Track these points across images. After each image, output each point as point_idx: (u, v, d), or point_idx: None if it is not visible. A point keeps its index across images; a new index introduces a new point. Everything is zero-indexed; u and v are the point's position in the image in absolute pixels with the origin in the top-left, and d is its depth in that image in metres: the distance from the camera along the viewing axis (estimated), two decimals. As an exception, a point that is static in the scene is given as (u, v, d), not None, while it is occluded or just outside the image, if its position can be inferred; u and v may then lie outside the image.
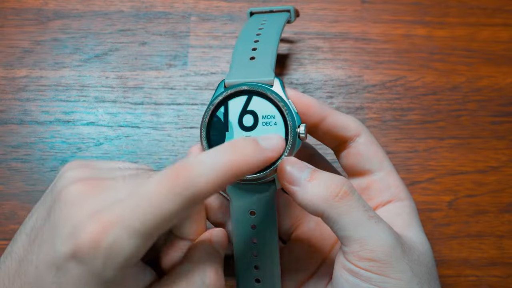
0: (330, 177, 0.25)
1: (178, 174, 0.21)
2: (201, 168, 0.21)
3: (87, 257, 0.20)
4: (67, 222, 0.21)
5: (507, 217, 0.37)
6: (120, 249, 0.20)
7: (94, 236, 0.20)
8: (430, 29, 0.41)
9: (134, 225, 0.20)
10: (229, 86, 0.27)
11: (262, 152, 0.23)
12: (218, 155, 0.22)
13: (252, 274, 0.29)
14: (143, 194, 0.21)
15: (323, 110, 0.28)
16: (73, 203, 0.22)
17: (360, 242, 0.24)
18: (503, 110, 0.39)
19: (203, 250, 0.25)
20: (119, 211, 0.21)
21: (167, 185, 0.21)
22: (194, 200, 0.21)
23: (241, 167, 0.22)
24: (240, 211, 0.27)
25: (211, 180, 0.21)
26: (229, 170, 0.22)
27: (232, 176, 0.22)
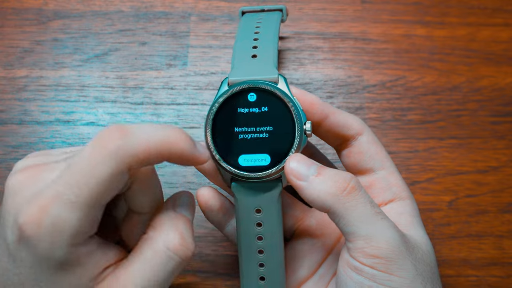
0: (337, 173, 0.25)
1: (107, 138, 0.21)
2: (135, 132, 0.21)
3: (32, 240, 0.20)
4: (11, 211, 0.21)
5: (507, 217, 0.37)
6: (63, 225, 0.20)
7: (34, 217, 0.20)
8: (430, 29, 0.41)
9: (70, 198, 0.20)
10: (232, 84, 0.27)
11: (192, 148, 0.23)
12: (156, 127, 0.22)
13: (257, 271, 0.29)
14: (75, 164, 0.21)
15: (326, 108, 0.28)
16: (15, 192, 0.22)
17: (366, 238, 0.24)
18: (503, 110, 0.39)
19: (165, 216, 0.25)
20: (55, 187, 0.21)
21: (97, 151, 0.21)
22: (129, 162, 0.21)
23: (173, 147, 0.22)
24: (246, 209, 0.27)
25: (145, 145, 0.21)
26: (162, 144, 0.22)
27: (163, 152, 0.22)
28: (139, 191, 0.24)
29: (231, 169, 0.26)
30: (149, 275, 0.23)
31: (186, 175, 0.37)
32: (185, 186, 0.37)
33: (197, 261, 0.35)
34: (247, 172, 0.26)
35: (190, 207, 0.26)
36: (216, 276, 0.35)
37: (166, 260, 0.23)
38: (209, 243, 0.35)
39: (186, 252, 0.24)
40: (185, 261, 0.24)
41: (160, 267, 0.23)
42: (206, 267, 0.35)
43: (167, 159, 0.23)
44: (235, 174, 0.26)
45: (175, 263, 0.23)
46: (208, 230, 0.36)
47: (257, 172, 0.26)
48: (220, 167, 0.27)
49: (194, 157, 0.23)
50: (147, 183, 0.25)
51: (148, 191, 0.25)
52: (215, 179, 0.29)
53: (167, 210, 0.25)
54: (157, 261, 0.23)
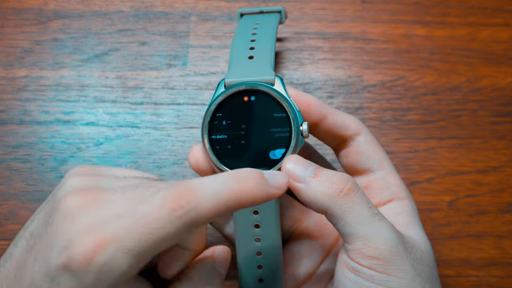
0: (334, 174, 0.25)
1: (181, 196, 0.21)
2: (204, 194, 0.21)
3: (79, 272, 0.20)
4: (63, 234, 0.21)
5: (507, 217, 0.37)
6: (113, 267, 0.20)
7: (88, 252, 0.20)
8: (430, 29, 0.41)
9: (129, 245, 0.20)
10: (229, 86, 0.27)
11: (266, 188, 0.23)
12: (223, 183, 0.22)
13: (256, 273, 0.29)
14: (142, 215, 0.21)
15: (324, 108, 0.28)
16: (70, 215, 0.22)
17: (364, 239, 0.24)
18: (503, 110, 0.39)
19: (203, 269, 0.25)
20: (116, 229, 0.21)
21: (168, 208, 0.21)
22: (194, 224, 0.21)
23: (244, 198, 0.22)
24: (243, 210, 0.27)
25: (213, 207, 0.21)
26: (232, 200, 0.22)
27: (233, 206, 0.22)
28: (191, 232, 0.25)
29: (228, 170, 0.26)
30: None
31: (186, 175, 0.37)
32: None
33: (197, 261, 0.35)
34: None
35: (226, 263, 0.26)
36: (215, 276, 0.35)
37: None
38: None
39: None
40: None
41: None
42: (205, 267, 0.35)
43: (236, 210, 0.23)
44: None
45: None
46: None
47: None
48: (217, 168, 0.27)
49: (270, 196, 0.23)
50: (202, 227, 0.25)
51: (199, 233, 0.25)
52: None
53: (205, 264, 0.25)
54: None
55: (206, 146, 0.26)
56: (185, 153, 0.37)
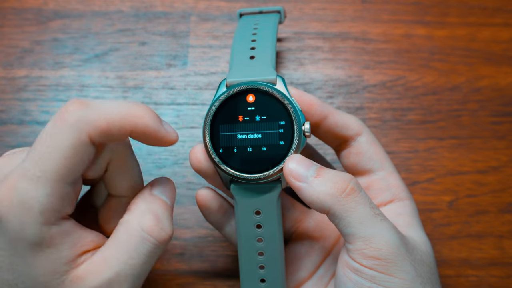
0: (336, 174, 0.25)
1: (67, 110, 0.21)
2: (97, 105, 0.22)
3: (4, 220, 0.21)
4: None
5: (507, 217, 0.37)
6: (31, 202, 0.20)
7: (4, 196, 0.20)
8: (430, 29, 0.41)
9: (35, 173, 0.20)
10: (230, 86, 0.27)
11: (159, 124, 0.23)
12: (117, 102, 0.22)
13: (257, 274, 0.29)
14: (38, 140, 0.21)
15: (325, 108, 0.28)
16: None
17: (365, 240, 0.24)
18: (503, 110, 0.39)
19: (141, 199, 0.25)
20: (22, 164, 0.21)
21: (59, 119, 0.21)
22: (88, 133, 0.21)
23: (136, 121, 0.22)
24: (245, 210, 0.27)
25: (106, 117, 0.21)
26: (124, 116, 0.22)
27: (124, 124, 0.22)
28: (117, 174, 0.24)
29: (230, 170, 0.26)
30: (125, 258, 0.23)
31: (186, 175, 0.37)
32: (185, 186, 0.37)
33: (197, 261, 0.35)
34: (245, 174, 0.26)
35: (168, 191, 0.26)
36: (216, 276, 0.35)
37: (141, 241, 0.23)
38: (209, 243, 0.35)
39: (161, 234, 0.24)
40: (161, 243, 0.24)
41: (135, 249, 0.23)
42: (206, 267, 0.35)
43: (131, 133, 0.23)
44: (234, 176, 0.26)
45: (151, 245, 0.23)
46: (208, 230, 0.36)
47: (255, 173, 0.26)
48: (218, 169, 0.27)
49: (160, 134, 0.23)
50: (124, 164, 0.25)
51: (126, 173, 0.25)
52: (214, 181, 0.28)
53: (143, 193, 0.25)
54: (132, 243, 0.23)
55: (208, 146, 0.26)
56: (185, 153, 0.37)
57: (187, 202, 0.36)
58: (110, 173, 0.24)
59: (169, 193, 0.26)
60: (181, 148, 0.38)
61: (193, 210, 0.36)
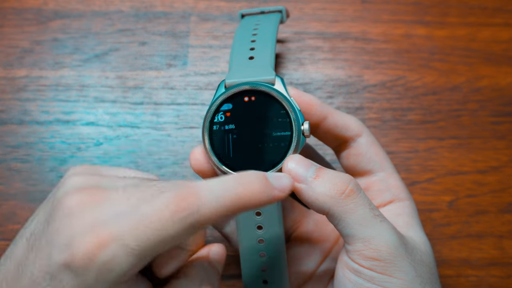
0: (336, 175, 0.25)
1: (184, 199, 0.21)
2: (208, 197, 0.21)
3: (81, 270, 0.20)
4: (64, 232, 0.21)
5: (507, 217, 0.37)
6: (115, 266, 0.20)
7: (90, 250, 0.20)
8: (430, 29, 0.41)
9: (131, 244, 0.20)
10: (229, 86, 0.27)
11: (270, 191, 0.23)
12: (226, 186, 0.22)
13: (260, 275, 0.29)
14: (145, 215, 0.21)
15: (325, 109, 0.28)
16: (72, 213, 0.22)
17: (365, 241, 0.24)
18: (503, 110, 0.39)
19: (200, 266, 0.25)
20: (118, 227, 0.21)
21: (171, 210, 0.21)
22: (196, 227, 0.21)
23: (247, 202, 0.22)
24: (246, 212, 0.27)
25: (216, 210, 0.21)
26: (235, 203, 0.22)
27: (236, 210, 0.22)
28: None
29: (229, 171, 0.26)
30: None
31: (186, 175, 0.37)
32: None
33: (197, 261, 0.35)
34: None
35: (222, 260, 0.27)
36: (216, 276, 0.35)
37: None
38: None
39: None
40: None
41: None
42: (206, 267, 0.35)
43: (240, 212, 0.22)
44: None
45: None
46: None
47: None
48: (218, 169, 0.27)
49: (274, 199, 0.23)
50: None
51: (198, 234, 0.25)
52: None
53: (202, 261, 0.25)
54: None
55: (207, 147, 0.26)
56: (185, 153, 0.37)
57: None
58: None
59: (222, 262, 0.27)
60: (181, 148, 0.38)
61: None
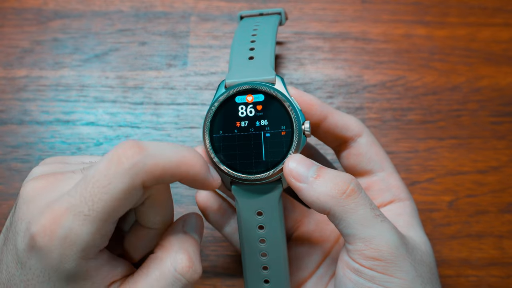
0: (337, 174, 0.25)
1: (126, 150, 0.21)
2: (153, 151, 0.21)
3: (43, 250, 0.20)
4: (24, 218, 0.21)
5: (507, 217, 0.37)
6: (74, 238, 0.20)
7: (47, 227, 0.20)
8: (430, 29, 0.41)
9: (84, 210, 0.20)
10: (230, 86, 0.27)
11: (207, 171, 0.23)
12: (171, 147, 0.22)
13: (261, 274, 0.29)
14: (90, 177, 0.21)
15: (325, 109, 0.28)
16: (29, 199, 0.22)
17: (365, 241, 0.24)
18: (503, 110, 0.39)
19: (174, 236, 0.25)
20: (69, 199, 0.21)
21: (115, 163, 0.21)
22: (144, 179, 0.21)
23: (188, 169, 0.22)
24: (247, 212, 0.27)
25: (161, 165, 0.21)
26: (178, 164, 0.22)
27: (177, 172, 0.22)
28: (152, 208, 0.24)
29: (230, 171, 0.26)
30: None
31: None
32: (185, 186, 0.37)
33: (197, 261, 0.35)
34: (246, 175, 0.26)
35: (199, 229, 0.26)
36: (216, 276, 0.35)
37: (173, 281, 0.23)
38: (209, 243, 0.35)
39: (193, 274, 0.24)
40: (191, 283, 0.24)
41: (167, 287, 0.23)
42: (206, 267, 0.35)
43: (180, 179, 0.23)
44: (234, 177, 0.26)
45: (182, 285, 0.23)
46: (208, 230, 0.36)
47: (256, 174, 0.26)
48: (219, 170, 0.27)
49: (206, 182, 0.24)
50: (161, 200, 0.25)
51: (161, 208, 0.25)
52: None
53: (176, 231, 0.25)
54: (164, 282, 0.23)
55: (208, 147, 0.26)
56: (185, 153, 0.37)
57: (187, 202, 0.36)
58: (145, 207, 0.24)
59: (200, 231, 0.26)
60: (181, 148, 0.38)
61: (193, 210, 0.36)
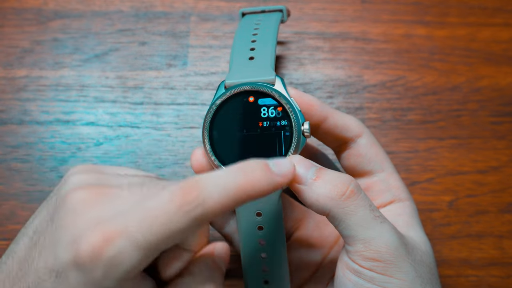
0: (336, 176, 0.25)
1: (189, 192, 0.21)
2: (212, 189, 0.21)
3: (88, 267, 0.20)
4: (70, 229, 0.21)
5: (507, 217, 0.37)
6: (122, 261, 0.20)
7: (97, 246, 0.20)
8: (430, 29, 0.41)
9: (138, 238, 0.20)
10: (229, 87, 0.27)
11: (272, 178, 0.23)
12: (230, 177, 0.22)
13: (261, 275, 0.29)
14: (151, 209, 0.21)
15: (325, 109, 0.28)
16: (77, 210, 0.22)
17: (365, 242, 0.24)
18: (503, 110, 0.39)
19: (204, 264, 0.25)
20: (124, 222, 0.20)
21: (177, 203, 0.21)
22: (201, 219, 0.21)
23: (251, 191, 0.22)
24: (246, 212, 0.27)
25: (221, 201, 0.21)
26: (239, 193, 0.22)
27: (241, 200, 0.22)
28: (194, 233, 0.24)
29: None
30: None
31: (186, 175, 0.37)
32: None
33: (197, 261, 0.35)
34: None
35: (226, 258, 0.27)
36: (216, 276, 0.35)
37: None
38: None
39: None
40: None
41: None
42: (206, 267, 0.35)
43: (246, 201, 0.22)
44: None
45: None
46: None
47: None
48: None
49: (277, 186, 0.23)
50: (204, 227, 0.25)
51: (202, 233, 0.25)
52: None
53: (206, 259, 0.25)
54: None
55: (207, 147, 0.26)
56: (185, 153, 0.37)
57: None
58: None
59: (227, 261, 0.27)
60: (181, 148, 0.38)
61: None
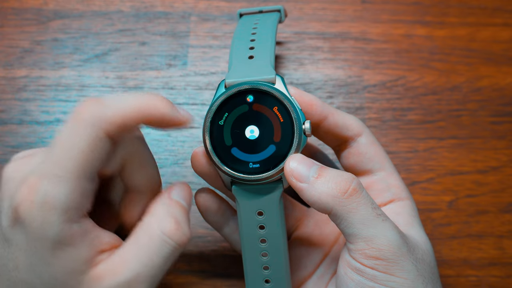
0: (338, 174, 0.25)
1: (85, 107, 0.22)
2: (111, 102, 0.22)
3: (26, 220, 0.21)
4: (5, 197, 0.22)
5: (507, 217, 0.37)
6: (53, 201, 0.21)
7: (26, 198, 0.21)
8: (430, 29, 0.41)
9: (55, 172, 0.21)
10: (229, 86, 0.27)
11: (173, 109, 0.24)
12: (130, 95, 0.23)
13: (262, 274, 0.28)
14: (56, 142, 0.22)
15: (325, 108, 0.28)
16: (8, 179, 0.23)
17: (367, 240, 0.24)
18: (503, 110, 0.39)
19: (161, 202, 0.26)
20: (41, 166, 0.22)
21: (76, 120, 0.22)
22: (104, 128, 0.22)
23: (151, 109, 0.23)
24: (248, 212, 0.27)
25: (121, 112, 0.22)
26: (139, 107, 0.23)
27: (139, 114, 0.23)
28: (134, 169, 0.25)
29: (231, 172, 0.26)
30: (144, 260, 0.23)
31: (186, 175, 0.37)
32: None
33: (197, 261, 0.35)
34: (247, 175, 0.26)
35: (186, 195, 0.27)
36: (216, 276, 0.35)
37: (161, 244, 0.24)
38: (209, 243, 0.35)
39: (181, 237, 0.24)
40: (180, 246, 0.24)
41: (155, 251, 0.24)
42: (206, 267, 0.35)
43: (147, 122, 0.23)
44: (235, 177, 0.26)
45: (171, 247, 0.24)
46: (207, 230, 0.36)
47: (256, 174, 0.26)
48: (219, 170, 0.26)
49: (176, 119, 0.24)
50: (140, 159, 0.25)
51: (143, 168, 0.26)
52: (216, 183, 0.28)
53: (162, 197, 0.26)
54: (152, 245, 0.24)
55: (208, 147, 0.26)
56: (185, 153, 0.37)
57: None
58: (127, 170, 0.25)
59: (187, 197, 0.27)
60: (181, 148, 0.38)
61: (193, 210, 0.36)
